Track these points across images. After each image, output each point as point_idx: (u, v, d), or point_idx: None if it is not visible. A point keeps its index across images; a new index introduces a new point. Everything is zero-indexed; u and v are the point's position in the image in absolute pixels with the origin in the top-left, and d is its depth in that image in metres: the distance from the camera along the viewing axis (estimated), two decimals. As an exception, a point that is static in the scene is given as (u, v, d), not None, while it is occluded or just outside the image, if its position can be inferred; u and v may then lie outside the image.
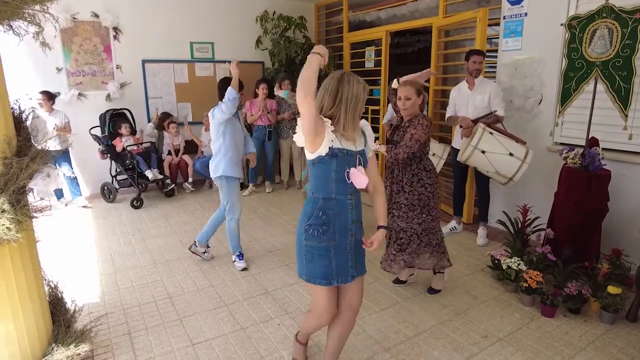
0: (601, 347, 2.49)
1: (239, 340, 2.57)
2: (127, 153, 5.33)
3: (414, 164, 2.87)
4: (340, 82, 1.77)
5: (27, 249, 2.09)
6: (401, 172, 2.90)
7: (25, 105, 2.19)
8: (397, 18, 5.95)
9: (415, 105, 2.82)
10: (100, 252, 3.94)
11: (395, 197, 2.95)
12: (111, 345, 2.54)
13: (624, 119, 2.84)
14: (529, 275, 2.90)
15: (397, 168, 2.93)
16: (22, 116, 2.14)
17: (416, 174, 2.87)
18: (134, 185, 5.34)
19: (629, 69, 2.74)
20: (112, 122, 5.46)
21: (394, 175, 2.96)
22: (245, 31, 6.53)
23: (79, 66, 5.55)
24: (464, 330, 2.68)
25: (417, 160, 2.87)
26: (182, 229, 4.50)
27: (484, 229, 4.08)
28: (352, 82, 1.77)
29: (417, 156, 2.86)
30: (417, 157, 2.86)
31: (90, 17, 5.47)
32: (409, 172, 2.88)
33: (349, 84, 1.76)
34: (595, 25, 2.89)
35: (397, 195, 2.94)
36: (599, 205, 3.08)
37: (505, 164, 3.43)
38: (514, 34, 4.02)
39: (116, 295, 3.13)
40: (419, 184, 2.86)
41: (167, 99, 6.24)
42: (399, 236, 2.97)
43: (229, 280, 3.36)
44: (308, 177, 2.02)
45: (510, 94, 4.07)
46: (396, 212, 2.95)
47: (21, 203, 1.92)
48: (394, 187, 2.95)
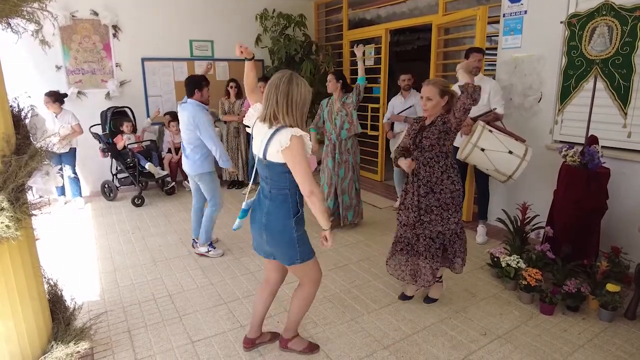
0: (599, 345, 2.50)
1: (238, 338, 2.57)
2: (128, 151, 5.33)
3: (441, 161, 2.66)
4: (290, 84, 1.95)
5: (27, 247, 2.09)
6: (429, 171, 2.67)
7: (24, 103, 2.18)
8: (396, 16, 5.94)
9: (439, 107, 2.63)
10: (100, 250, 3.94)
11: (423, 201, 2.69)
12: (111, 343, 2.55)
13: (623, 117, 2.84)
14: (528, 273, 2.90)
15: (423, 169, 2.69)
16: (21, 114, 2.14)
17: (445, 171, 2.66)
18: (135, 184, 5.34)
19: (629, 67, 2.73)
20: (113, 120, 5.46)
21: (419, 177, 2.71)
22: (244, 29, 6.52)
23: (78, 64, 5.55)
24: (463, 327, 2.68)
25: (444, 156, 2.67)
26: (181, 227, 4.50)
27: (484, 227, 4.08)
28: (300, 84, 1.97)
29: (443, 152, 2.65)
30: (443, 153, 2.65)
31: (90, 15, 5.47)
32: (437, 170, 2.66)
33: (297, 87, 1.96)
34: (595, 23, 2.88)
35: (424, 198, 2.69)
36: (598, 203, 3.08)
37: (504, 162, 3.43)
38: (514, 32, 4.01)
39: (116, 293, 3.14)
40: (448, 180, 2.66)
41: (167, 97, 6.24)
42: (432, 243, 2.72)
43: (229, 278, 3.36)
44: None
45: (510, 92, 4.06)
46: (426, 216, 2.70)
47: (20, 201, 1.92)
48: (421, 190, 2.69)
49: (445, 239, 2.74)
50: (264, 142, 1.99)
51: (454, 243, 2.77)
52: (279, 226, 2.07)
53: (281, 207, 2.06)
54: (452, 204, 2.68)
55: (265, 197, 2.11)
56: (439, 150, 2.64)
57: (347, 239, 4.14)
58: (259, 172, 2.16)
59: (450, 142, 2.65)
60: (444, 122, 2.60)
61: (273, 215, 2.07)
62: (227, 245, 4.01)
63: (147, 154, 5.48)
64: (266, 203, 2.10)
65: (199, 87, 3.52)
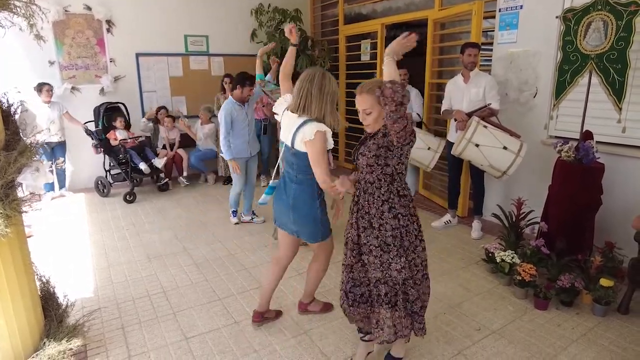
0: (593, 339, 2.51)
1: (233, 334, 2.57)
2: (121, 147, 5.29)
3: (383, 187, 1.98)
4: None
5: (17, 244, 2.08)
6: (368, 199, 2.01)
7: (13, 98, 2.16)
8: (392, 10, 5.91)
9: (380, 120, 1.94)
10: (94, 246, 3.92)
11: (363, 238, 2.05)
12: (104, 340, 2.54)
13: (618, 112, 2.83)
14: (523, 269, 2.91)
15: (363, 197, 2.03)
16: (11, 110, 2.11)
17: (387, 200, 1.98)
18: (127, 179, 5.31)
19: (624, 62, 2.73)
20: (106, 115, 5.43)
21: (359, 206, 2.06)
22: (240, 24, 6.48)
23: (71, 59, 5.51)
24: (457, 323, 2.68)
25: (389, 180, 1.97)
26: (176, 224, 4.49)
27: (479, 222, 4.08)
28: (332, 80, 2.20)
29: (387, 174, 1.96)
30: (387, 175, 1.96)
31: (83, 10, 5.42)
32: (378, 198, 1.98)
33: (330, 81, 2.19)
34: (590, 18, 2.87)
35: (364, 233, 2.04)
36: (593, 198, 3.09)
37: (499, 158, 3.43)
38: (510, 27, 3.99)
39: (110, 290, 3.13)
40: (390, 213, 1.98)
41: (162, 92, 6.20)
42: (377, 292, 2.05)
43: (224, 274, 3.36)
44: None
45: (506, 87, 4.05)
46: (366, 257, 2.05)
47: (10, 198, 1.90)
48: (361, 223, 2.05)
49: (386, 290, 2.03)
50: (292, 131, 2.19)
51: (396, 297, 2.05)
52: (305, 207, 2.32)
53: (307, 190, 2.30)
54: (394, 245, 1.99)
55: (292, 181, 2.33)
56: (381, 172, 1.96)
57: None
58: (285, 159, 2.36)
59: (398, 161, 1.96)
60: (385, 134, 1.93)
61: (300, 198, 2.31)
62: (222, 243, 4.00)
63: (140, 150, 5.44)
64: (292, 186, 2.32)
65: (241, 84, 4.03)
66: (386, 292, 2.02)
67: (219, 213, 4.79)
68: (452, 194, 4.30)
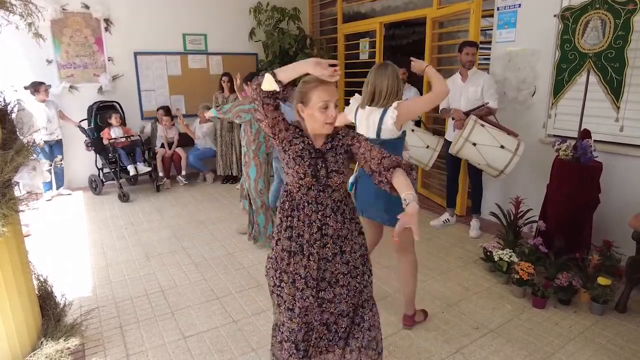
0: (590, 338, 2.51)
1: (231, 333, 2.57)
2: (110, 146, 5.27)
3: (350, 203, 1.73)
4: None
5: (14, 243, 2.07)
6: (339, 220, 1.66)
7: (10, 97, 2.15)
8: (391, 9, 5.91)
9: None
10: (92, 245, 3.92)
11: (328, 268, 1.67)
12: (102, 339, 2.53)
13: (615, 111, 2.83)
14: (521, 267, 2.91)
15: (333, 217, 1.65)
16: (7, 108, 2.11)
17: (353, 218, 1.73)
18: (116, 179, 5.30)
19: (622, 61, 2.73)
20: (100, 113, 5.42)
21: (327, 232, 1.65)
22: (238, 23, 6.46)
23: (69, 58, 5.49)
24: (455, 322, 2.69)
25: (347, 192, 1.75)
26: (175, 222, 4.48)
27: (477, 221, 4.08)
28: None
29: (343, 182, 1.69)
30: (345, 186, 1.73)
31: (81, 9, 5.40)
32: (348, 214, 1.70)
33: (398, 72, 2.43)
34: (588, 17, 2.87)
35: (331, 263, 1.66)
36: (591, 197, 3.09)
37: (496, 157, 3.43)
38: (508, 26, 3.99)
39: (108, 289, 3.12)
40: (356, 230, 1.74)
41: (160, 91, 6.19)
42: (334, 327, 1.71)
43: (222, 273, 3.35)
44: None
45: (504, 86, 4.05)
46: (329, 292, 1.67)
47: (6, 197, 1.90)
48: (328, 251, 1.65)
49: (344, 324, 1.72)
50: (376, 122, 2.35)
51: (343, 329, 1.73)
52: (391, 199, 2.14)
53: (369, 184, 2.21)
54: (362, 266, 1.75)
55: None
56: (343, 181, 1.69)
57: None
58: None
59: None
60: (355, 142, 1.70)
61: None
62: (220, 241, 4.00)
63: (131, 150, 5.42)
64: None
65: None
66: (345, 326, 1.71)
67: (218, 212, 4.79)
68: (450, 192, 4.30)
